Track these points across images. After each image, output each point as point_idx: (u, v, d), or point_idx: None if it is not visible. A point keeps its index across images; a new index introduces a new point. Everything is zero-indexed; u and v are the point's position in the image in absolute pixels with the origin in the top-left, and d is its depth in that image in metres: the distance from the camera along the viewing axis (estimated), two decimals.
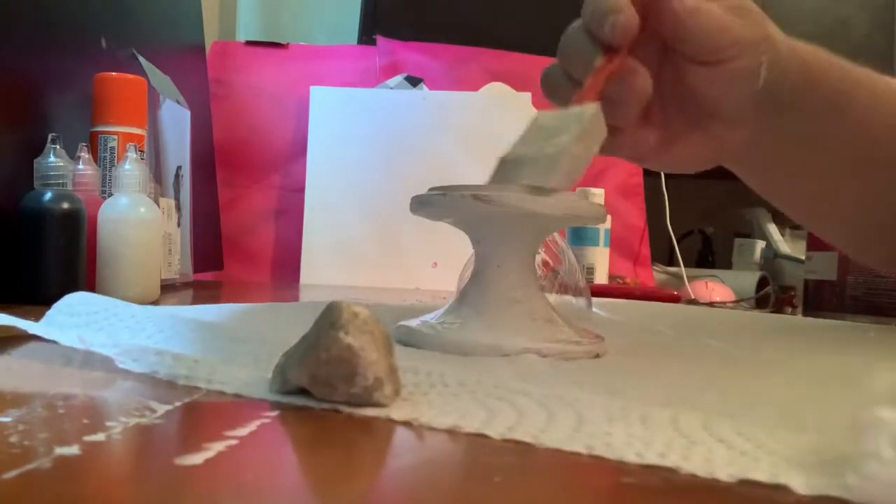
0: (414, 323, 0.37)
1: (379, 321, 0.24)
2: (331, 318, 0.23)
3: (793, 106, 0.46)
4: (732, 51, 0.42)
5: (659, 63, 0.44)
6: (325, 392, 0.23)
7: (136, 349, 0.28)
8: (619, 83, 0.41)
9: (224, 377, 0.26)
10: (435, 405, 0.24)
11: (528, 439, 0.20)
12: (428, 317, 0.38)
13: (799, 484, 0.17)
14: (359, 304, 0.24)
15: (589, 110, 0.38)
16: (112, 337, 0.31)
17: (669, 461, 0.19)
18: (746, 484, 0.18)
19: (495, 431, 0.21)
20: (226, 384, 0.25)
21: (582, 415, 0.22)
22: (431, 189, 0.37)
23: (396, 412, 0.23)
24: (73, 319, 0.34)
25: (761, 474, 0.18)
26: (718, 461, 0.19)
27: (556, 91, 0.43)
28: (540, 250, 0.53)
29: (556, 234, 0.55)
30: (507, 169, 0.38)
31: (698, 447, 0.20)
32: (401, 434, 0.22)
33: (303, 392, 0.24)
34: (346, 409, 0.23)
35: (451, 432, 0.21)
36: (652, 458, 0.19)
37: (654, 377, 0.32)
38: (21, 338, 0.34)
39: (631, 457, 0.19)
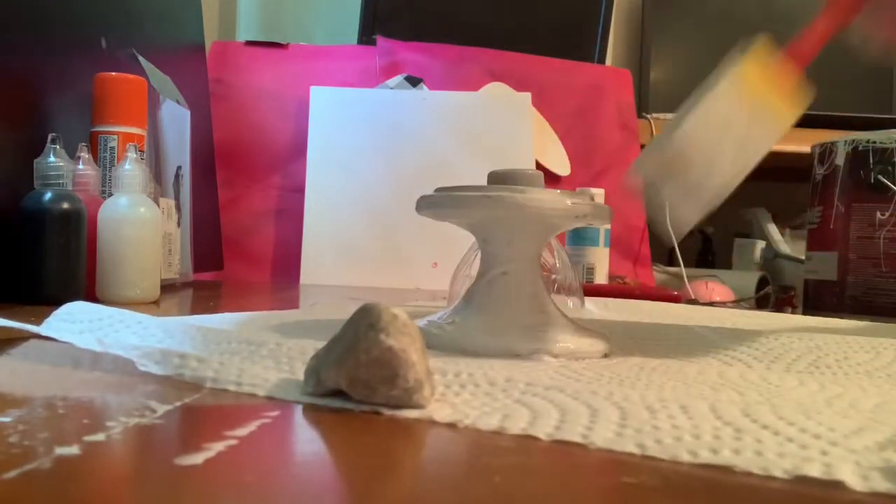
0: (421, 323, 0.37)
1: (415, 323, 0.24)
2: (369, 319, 0.23)
3: None
4: None
5: None
6: (365, 394, 0.23)
7: (157, 352, 0.28)
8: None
9: (253, 379, 0.26)
10: (474, 406, 0.23)
11: (577, 439, 0.20)
12: (435, 317, 0.38)
13: (854, 480, 0.17)
14: (395, 307, 0.24)
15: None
16: (121, 341, 0.31)
17: (722, 458, 0.19)
18: (767, 480, 0.18)
19: (542, 432, 0.21)
20: (256, 387, 0.25)
21: (623, 409, 0.22)
22: (438, 189, 0.37)
23: (438, 414, 0.22)
24: (76, 326, 0.34)
25: (815, 469, 0.18)
26: (769, 453, 0.19)
27: None
28: None
29: None
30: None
31: (746, 436, 0.20)
32: (402, 434, 0.22)
33: (338, 394, 0.24)
34: (387, 411, 0.23)
35: (451, 431, 0.21)
36: (705, 456, 0.19)
37: (667, 375, 0.32)
38: (22, 338, 0.33)
39: (684, 455, 0.19)
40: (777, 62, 0.33)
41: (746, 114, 0.32)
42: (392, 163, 1.16)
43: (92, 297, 0.55)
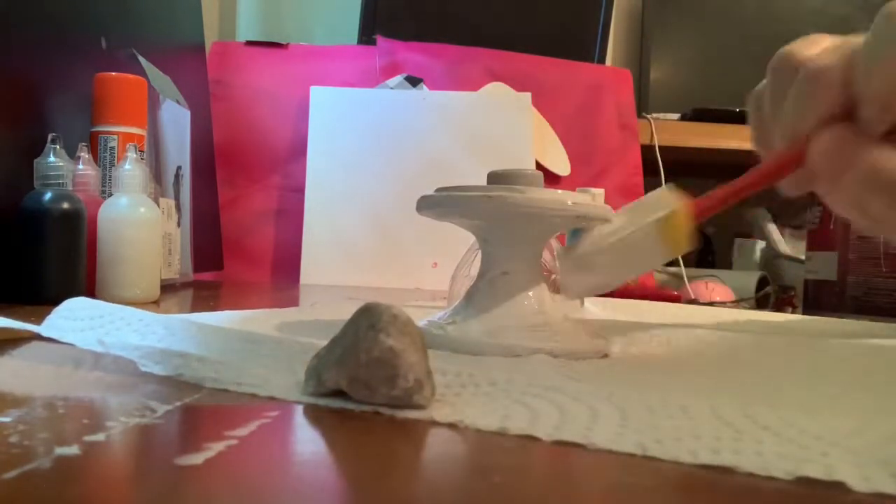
0: (421, 323, 0.37)
1: (415, 323, 0.24)
2: (370, 319, 0.23)
3: None
4: None
5: None
6: (365, 394, 0.23)
7: (158, 352, 0.28)
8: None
9: (253, 379, 0.26)
10: (474, 405, 0.23)
11: (577, 440, 0.20)
12: (435, 317, 0.38)
13: (855, 481, 0.17)
14: (395, 307, 0.24)
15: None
16: (122, 340, 0.31)
17: (723, 458, 0.19)
18: (772, 479, 0.18)
19: (542, 432, 0.21)
20: (257, 387, 0.25)
21: (623, 409, 0.22)
22: (438, 189, 0.37)
23: (438, 414, 0.22)
24: (77, 324, 0.34)
25: (816, 469, 0.18)
26: (770, 454, 0.19)
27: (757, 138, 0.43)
28: None
29: None
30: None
31: (746, 437, 0.20)
32: (402, 434, 0.22)
33: (338, 394, 0.24)
34: (387, 412, 0.23)
35: (451, 431, 0.21)
36: (706, 457, 0.19)
37: (668, 375, 0.32)
38: (22, 339, 0.33)
39: (685, 456, 0.19)
40: (685, 210, 0.37)
41: (647, 249, 0.37)
42: (392, 163, 1.16)
43: (92, 297, 0.55)
